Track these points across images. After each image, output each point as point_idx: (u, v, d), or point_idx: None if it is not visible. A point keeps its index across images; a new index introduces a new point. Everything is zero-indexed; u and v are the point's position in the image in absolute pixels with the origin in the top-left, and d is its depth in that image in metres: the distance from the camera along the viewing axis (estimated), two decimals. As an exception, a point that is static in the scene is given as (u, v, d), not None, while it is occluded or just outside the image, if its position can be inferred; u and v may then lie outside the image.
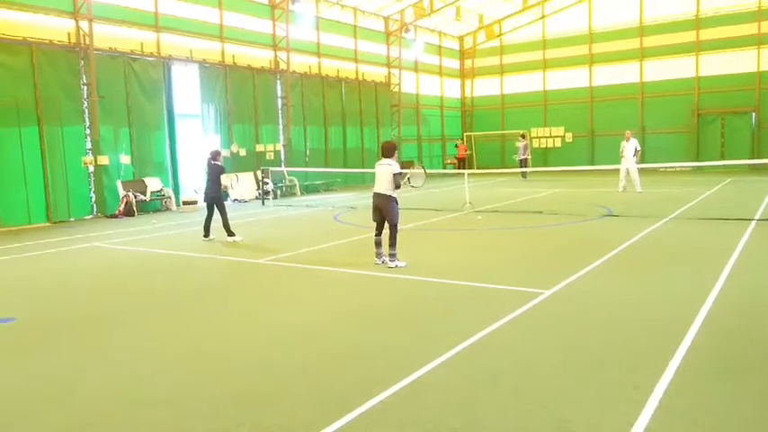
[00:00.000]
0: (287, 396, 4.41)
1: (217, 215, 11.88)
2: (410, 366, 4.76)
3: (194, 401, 4.37)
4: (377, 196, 8.76)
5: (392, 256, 8.72)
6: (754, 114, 27.69)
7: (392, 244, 8.69)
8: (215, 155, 12.14)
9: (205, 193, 12.17)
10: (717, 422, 3.80)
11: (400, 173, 8.68)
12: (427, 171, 10.86)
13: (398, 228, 8.85)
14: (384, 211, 8.70)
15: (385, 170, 8.64)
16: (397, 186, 8.65)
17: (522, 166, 26.13)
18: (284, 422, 3.98)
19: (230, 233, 11.71)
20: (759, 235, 10.37)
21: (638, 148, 18.97)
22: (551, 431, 3.72)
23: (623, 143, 19.08)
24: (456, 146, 32.91)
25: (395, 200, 8.73)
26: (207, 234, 11.96)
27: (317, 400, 4.28)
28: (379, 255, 8.95)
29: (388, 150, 8.81)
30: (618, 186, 18.91)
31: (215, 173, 11.91)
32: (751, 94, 27.65)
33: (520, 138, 28.35)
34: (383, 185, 8.67)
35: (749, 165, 24.80)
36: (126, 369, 5.10)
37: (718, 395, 4.16)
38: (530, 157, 27.60)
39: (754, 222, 11.71)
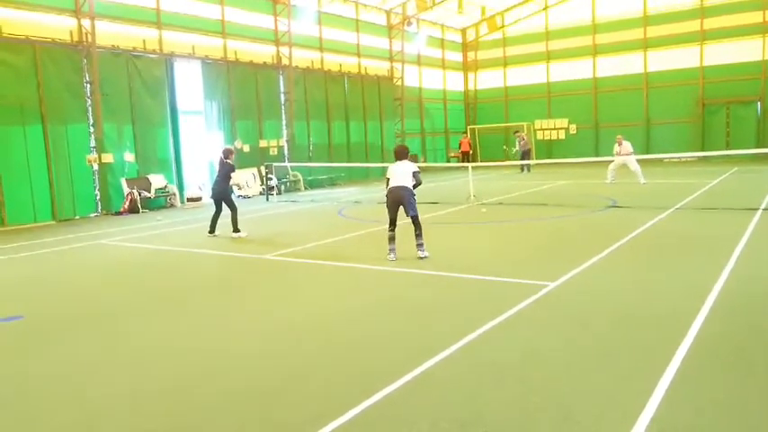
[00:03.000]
0: (293, 390, 4.42)
1: (226, 210, 11.90)
2: (417, 359, 4.77)
3: (199, 396, 4.39)
4: (397, 189, 8.89)
5: (420, 246, 8.92)
6: (759, 103, 27.53)
7: (419, 234, 8.93)
8: (227, 153, 12.18)
9: (212, 189, 12.25)
10: (722, 412, 3.79)
11: (419, 171, 9.05)
12: (431, 165, 11.33)
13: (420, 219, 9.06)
14: (405, 205, 8.86)
15: (405, 168, 8.95)
16: (418, 183, 8.97)
17: (523, 158, 26.06)
18: (291, 416, 4.00)
19: (236, 229, 11.74)
20: (765, 224, 10.32)
21: (632, 150, 19.11)
22: (558, 422, 3.72)
23: (616, 147, 19.29)
24: (459, 144, 32.82)
25: (414, 194, 9.00)
26: (212, 230, 12.01)
27: (324, 394, 4.30)
28: (392, 250, 8.91)
29: (402, 153, 9.15)
30: (607, 178, 19.19)
31: (224, 171, 11.96)
32: (756, 83, 27.48)
33: (516, 134, 28.02)
34: (403, 180, 8.90)
35: (754, 154, 24.67)
36: (133, 365, 5.13)
37: (724, 385, 4.15)
38: (530, 148, 27.30)
39: (759, 212, 11.66)
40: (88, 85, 16.96)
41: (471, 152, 32.43)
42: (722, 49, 28.10)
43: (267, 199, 19.67)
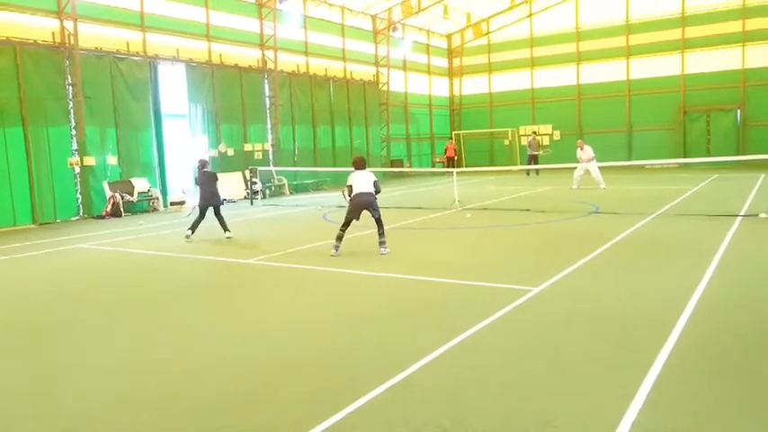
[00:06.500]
0: (275, 396, 4.40)
1: (209, 215, 12.05)
2: (399, 365, 4.76)
3: (181, 402, 4.34)
4: (364, 195, 9.68)
5: (383, 243, 9.69)
6: (738, 111, 27.97)
7: (382, 233, 9.75)
8: (204, 163, 12.46)
9: (205, 198, 12.08)
10: (703, 416, 3.83)
11: (378, 180, 9.97)
12: (416, 170, 12.71)
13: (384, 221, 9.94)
14: (372, 208, 9.68)
15: (368, 177, 9.82)
16: (378, 191, 9.82)
17: (531, 162, 26.08)
18: (272, 422, 3.97)
19: (227, 229, 12.09)
20: (744, 231, 10.47)
21: (593, 156, 19.49)
22: (539, 427, 3.73)
23: (579, 151, 19.77)
24: (445, 149, 32.85)
25: (376, 199, 9.90)
26: (193, 231, 11.96)
27: (305, 400, 4.27)
28: (336, 247, 9.64)
29: (362, 163, 10.03)
30: (573, 184, 19.58)
31: (213, 180, 12.16)
32: (736, 91, 27.91)
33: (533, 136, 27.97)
34: (368, 188, 9.74)
35: (734, 161, 25.05)
36: (111, 371, 5.06)
37: (705, 390, 4.20)
38: (537, 153, 26.85)
39: (739, 218, 11.83)
40: (70, 88, 16.78)
41: (456, 158, 32.55)
42: (703, 57, 28.51)
43: (252, 203, 19.57)
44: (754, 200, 14.80)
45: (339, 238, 9.68)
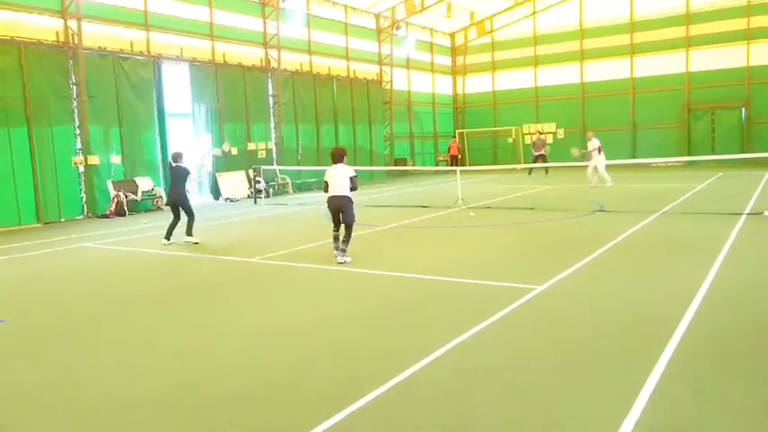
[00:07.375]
0: (278, 395, 4.40)
1: (184, 218, 11.56)
2: (402, 363, 4.76)
3: (185, 401, 4.35)
4: (336, 199, 9.11)
5: (343, 251, 9.08)
6: (743, 109, 27.87)
7: (346, 240, 9.12)
8: (176, 157, 11.62)
9: (168, 195, 11.64)
10: (707, 415, 3.82)
11: (356, 176, 9.17)
12: (419, 168, 11.60)
13: (354, 227, 9.25)
14: (343, 212, 9.09)
15: (342, 173, 9.10)
16: (354, 188, 9.12)
17: (538, 162, 25.31)
18: (275, 421, 3.97)
19: (190, 233, 11.41)
20: (748, 229, 10.42)
21: (598, 145, 19.24)
22: (543, 426, 3.73)
23: (588, 143, 19.66)
24: (448, 147, 32.76)
25: (352, 201, 9.19)
26: (168, 237, 11.50)
27: (309, 399, 4.27)
28: (337, 248, 9.24)
29: (339, 156, 9.26)
30: (590, 182, 19.55)
31: (180, 175, 11.46)
32: (740, 89, 27.81)
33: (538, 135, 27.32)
34: (341, 188, 9.09)
35: (739, 159, 24.95)
36: (116, 370, 5.07)
37: (709, 388, 4.18)
38: (544, 153, 25.60)
39: (743, 216, 11.78)
40: (74, 87, 16.82)
41: (460, 156, 32.51)
42: (707, 55, 28.41)
43: (255, 202, 19.59)
44: (758, 198, 14.74)
45: (336, 239, 9.29)
